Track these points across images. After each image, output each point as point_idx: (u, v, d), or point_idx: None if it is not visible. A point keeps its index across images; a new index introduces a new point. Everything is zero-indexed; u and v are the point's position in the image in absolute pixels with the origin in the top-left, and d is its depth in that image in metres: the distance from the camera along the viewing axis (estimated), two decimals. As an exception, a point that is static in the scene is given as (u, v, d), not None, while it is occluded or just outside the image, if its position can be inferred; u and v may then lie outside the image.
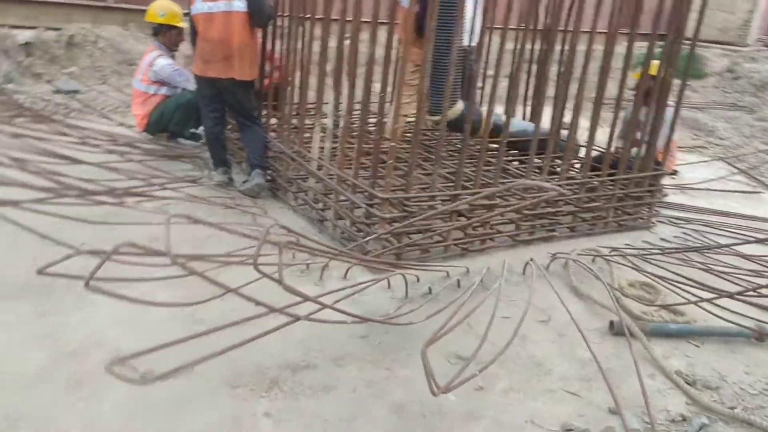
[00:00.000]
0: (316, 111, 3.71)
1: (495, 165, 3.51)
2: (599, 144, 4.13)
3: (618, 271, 3.33)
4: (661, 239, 3.96)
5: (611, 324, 2.74)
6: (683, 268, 3.32)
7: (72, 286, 2.48)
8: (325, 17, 3.47)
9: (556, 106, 3.97)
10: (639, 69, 4.16)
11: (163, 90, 4.82)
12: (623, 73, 3.76)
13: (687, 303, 2.79)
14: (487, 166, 3.92)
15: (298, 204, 3.85)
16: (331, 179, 3.44)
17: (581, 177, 3.86)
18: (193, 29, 3.92)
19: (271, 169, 4.11)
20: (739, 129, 7.86)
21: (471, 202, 3.17)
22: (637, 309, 2.91)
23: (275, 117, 4.31)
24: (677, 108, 4.02)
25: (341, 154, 3.42)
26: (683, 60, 3.98)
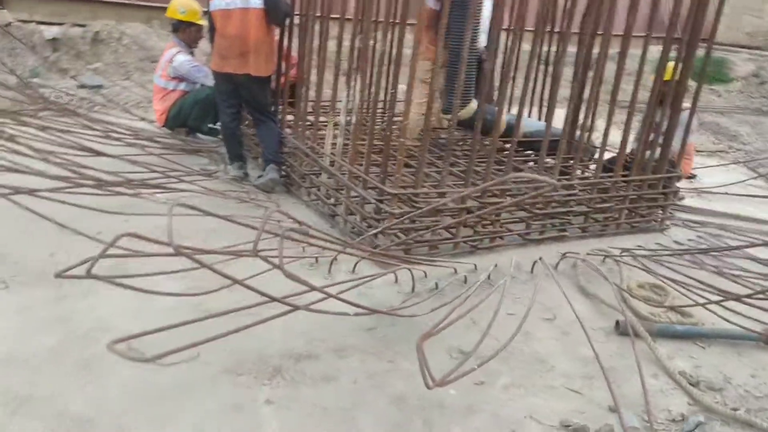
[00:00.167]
0: (330, 108, 3.75)
1: (506, 164, 3.52)
2: (613, 145, 4.11)
3: (628, 272, 3.31)
4: (675, 242, 3.93)
5: (617, 324, 2.73)
6: (695, 270, 3.29)
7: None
8: (341, 16, 3.51)
9: (569, 107, 3.96)
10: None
11: (182, 86, 4.91)
12: (638, 76, 3.74)
13: (694, 305, 2.77)
14: (500, 165, 3.93)
15: (311, 199, 3.90)
16: (343, 175, 3.48)
17: (593, 177, 3.85)
18: (212, 26, 4.00)
19: (286, 165, 4.17)
20: (764, 134, 7.74)
21: (463, 196, 3.16)
22: (645, 310, 2.90)
23: (291, 114, 4.36)
24: (692, 111, 3.98)
25: (353, 150, 3.46)
26: (699, 62, 3.94)
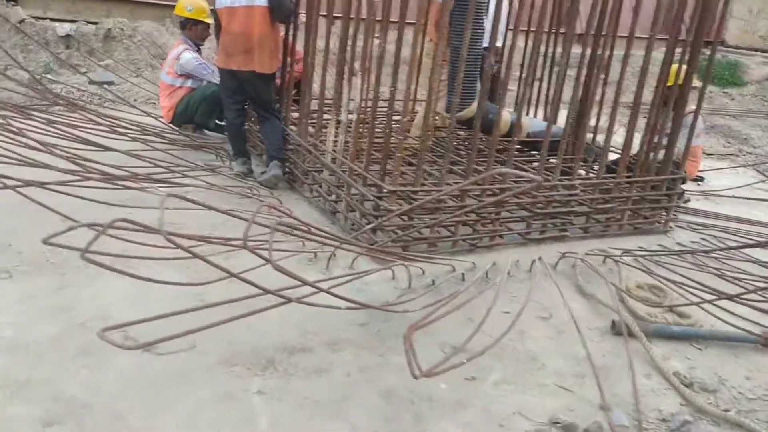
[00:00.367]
0: (333, 105, 3.78)
1: (507, 163, 3.53)
2: (617, 147, 4.11)
3: (627, 273, 3.30)
4: (678, 244, 3.91)
5: (613, 323, 2.73)
6: (695, 272, 3.28)
7: (86, 263, 2.60)
8: (344, 15, 3.54)
9: (572, 107, 3.95)
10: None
11: (189, 83, 4.97)
12: (641, 78, 3.73)
13: (688, 304, 2.77)
14: (502, 164, 3.93)
15: (313, 196, 3.93)
16: (344, 172, 3.51)
17: (596, 178, 3.84)
18: (218, 23, 4.06)
19: (289, 161, 4.20)
20: (775, 138, 7.68)
21: (450, 192, 3.18)
22: (643, 310, 2.89)
23: (295, 111, 4.40)
24: (696, 113, 3.96)
25: (354, 147, 3.49)
26: (703, 65, 3.92)
